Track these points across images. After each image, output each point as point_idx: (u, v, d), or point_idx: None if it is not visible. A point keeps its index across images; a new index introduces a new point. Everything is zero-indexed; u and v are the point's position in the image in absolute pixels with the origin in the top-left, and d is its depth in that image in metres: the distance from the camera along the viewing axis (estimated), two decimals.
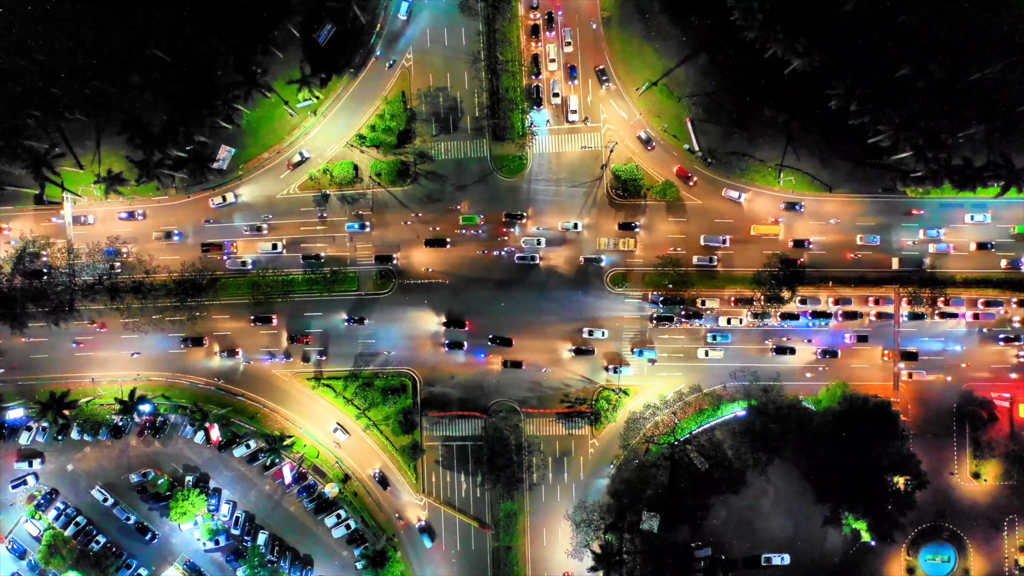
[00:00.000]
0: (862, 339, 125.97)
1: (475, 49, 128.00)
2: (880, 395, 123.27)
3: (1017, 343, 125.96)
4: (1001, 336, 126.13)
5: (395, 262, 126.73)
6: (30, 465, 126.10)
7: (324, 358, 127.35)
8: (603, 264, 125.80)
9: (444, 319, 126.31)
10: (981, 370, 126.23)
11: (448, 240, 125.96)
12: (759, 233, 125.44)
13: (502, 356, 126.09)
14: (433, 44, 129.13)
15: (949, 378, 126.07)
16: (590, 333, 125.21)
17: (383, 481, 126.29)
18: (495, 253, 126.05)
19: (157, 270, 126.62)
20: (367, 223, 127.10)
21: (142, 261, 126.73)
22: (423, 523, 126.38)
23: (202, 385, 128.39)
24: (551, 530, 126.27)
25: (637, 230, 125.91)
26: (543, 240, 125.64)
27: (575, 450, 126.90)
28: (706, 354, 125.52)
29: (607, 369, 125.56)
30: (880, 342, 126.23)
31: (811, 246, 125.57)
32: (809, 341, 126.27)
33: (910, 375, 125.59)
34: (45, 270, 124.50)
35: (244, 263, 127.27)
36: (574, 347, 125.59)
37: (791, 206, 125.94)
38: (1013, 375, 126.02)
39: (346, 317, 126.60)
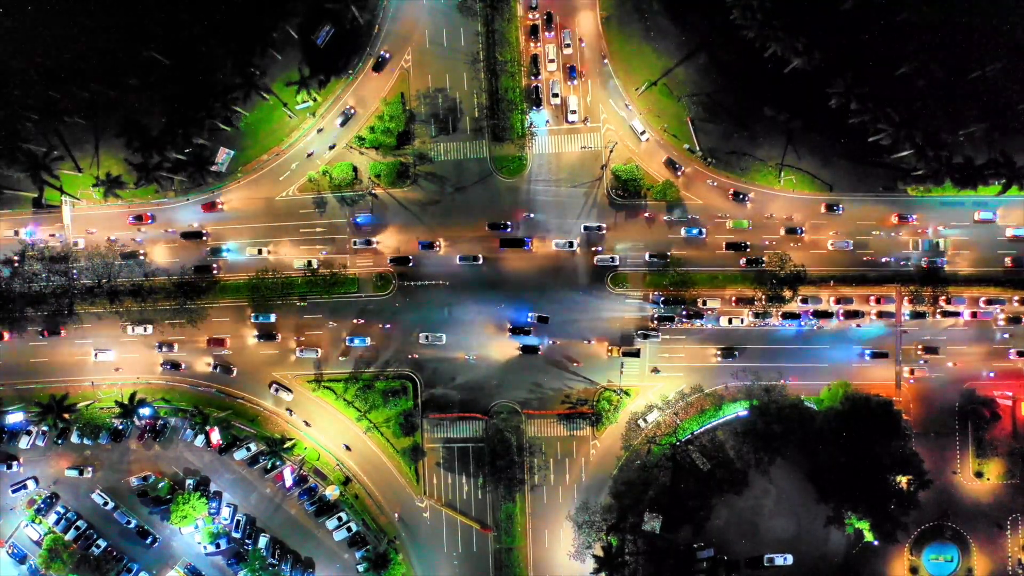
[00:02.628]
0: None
1: (474, 50, 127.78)
2: (882, 394, 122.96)
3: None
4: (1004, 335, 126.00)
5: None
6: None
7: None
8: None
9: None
10: (982, 368, 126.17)
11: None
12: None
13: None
14: (432, 45, 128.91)
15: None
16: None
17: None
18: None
19: (156, 272, 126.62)
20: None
21: (143, 264, 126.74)
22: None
23: (202, 388, 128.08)
24: (553, 532, 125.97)
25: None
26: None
27: (576, 451, 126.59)
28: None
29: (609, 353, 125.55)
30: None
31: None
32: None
33: (911, 372, 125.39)
34: (44, 273, 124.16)
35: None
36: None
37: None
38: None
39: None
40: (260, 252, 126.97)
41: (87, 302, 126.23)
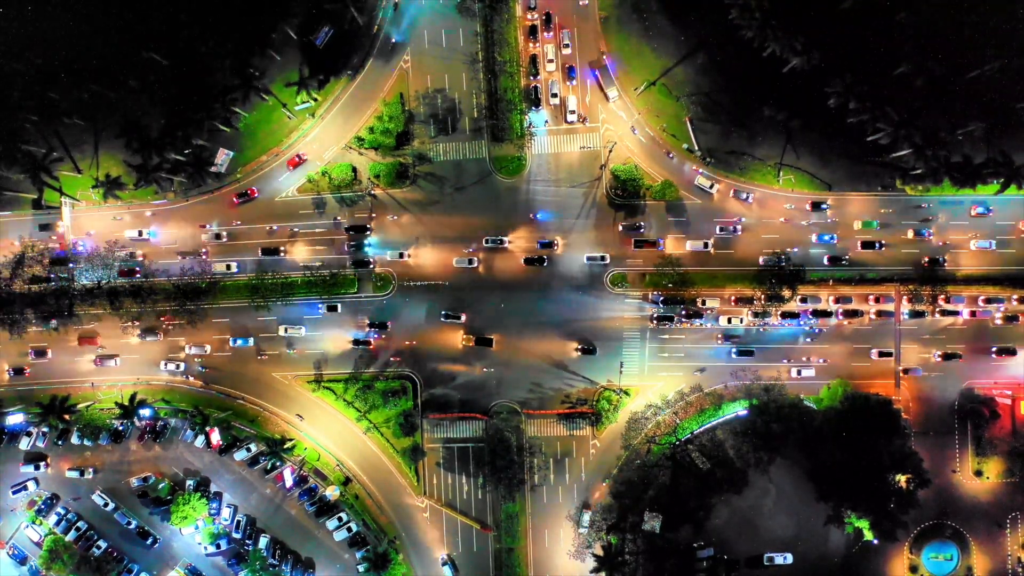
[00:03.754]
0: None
1: (473, 50, 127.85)
2: (881, 393, 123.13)
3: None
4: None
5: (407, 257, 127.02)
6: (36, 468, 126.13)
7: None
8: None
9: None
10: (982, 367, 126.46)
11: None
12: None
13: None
14: (431, 45, 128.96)
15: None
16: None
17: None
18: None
19: (156, 274, 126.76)
20: (154, 229, 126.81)
21: (145, 265, 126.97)
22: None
23: (202, 389, 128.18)
24: (553, 531, 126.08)
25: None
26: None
27: (576, 451, 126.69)
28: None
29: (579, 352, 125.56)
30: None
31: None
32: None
33: (905, 371, 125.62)
34: (44, 276, 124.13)
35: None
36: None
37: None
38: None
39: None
40: (401, 256, 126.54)
41: (87, 303, 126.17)
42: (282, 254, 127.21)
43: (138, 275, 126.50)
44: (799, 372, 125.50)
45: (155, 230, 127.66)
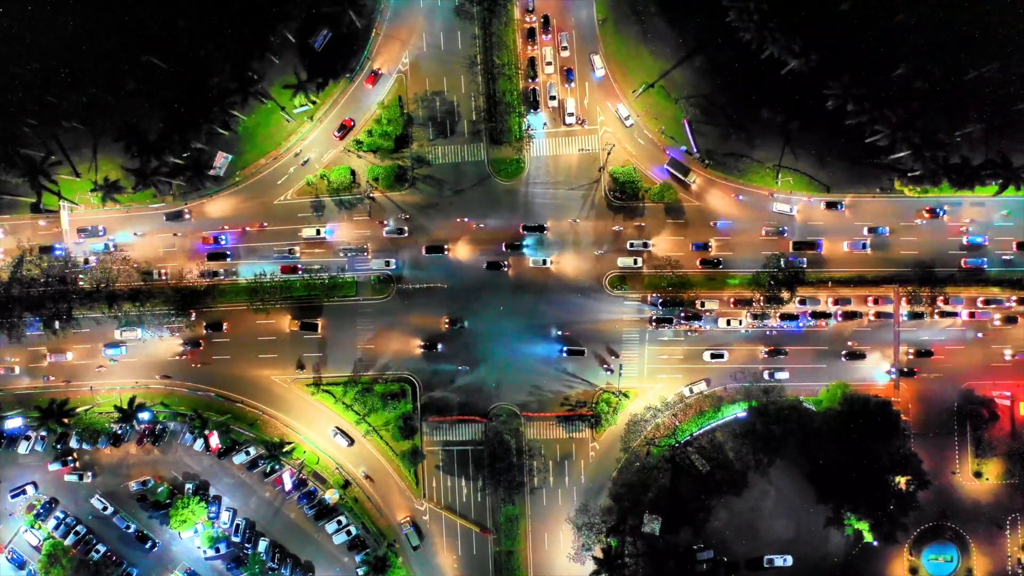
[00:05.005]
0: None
1: (471, 53, 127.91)
2: (881, 395, 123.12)
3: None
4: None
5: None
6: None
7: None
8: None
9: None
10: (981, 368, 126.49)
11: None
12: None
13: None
14: (429, 48, 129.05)
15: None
16: None
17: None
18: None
19: (156, 276, 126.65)
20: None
21: (140, 267, 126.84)
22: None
23: (201, 392, 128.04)
24: (552, 534, 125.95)
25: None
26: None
27: (576, 453, 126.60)
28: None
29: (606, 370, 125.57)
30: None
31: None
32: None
33: (901, 371, 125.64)
34: (43, 279, 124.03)
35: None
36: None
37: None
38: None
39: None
40: (544, 263, 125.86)
41: (85, 306, 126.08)
42: (447, 252, 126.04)
43: (300, 271, 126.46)
44: (771, 375, 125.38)
45: (331, 228, 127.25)
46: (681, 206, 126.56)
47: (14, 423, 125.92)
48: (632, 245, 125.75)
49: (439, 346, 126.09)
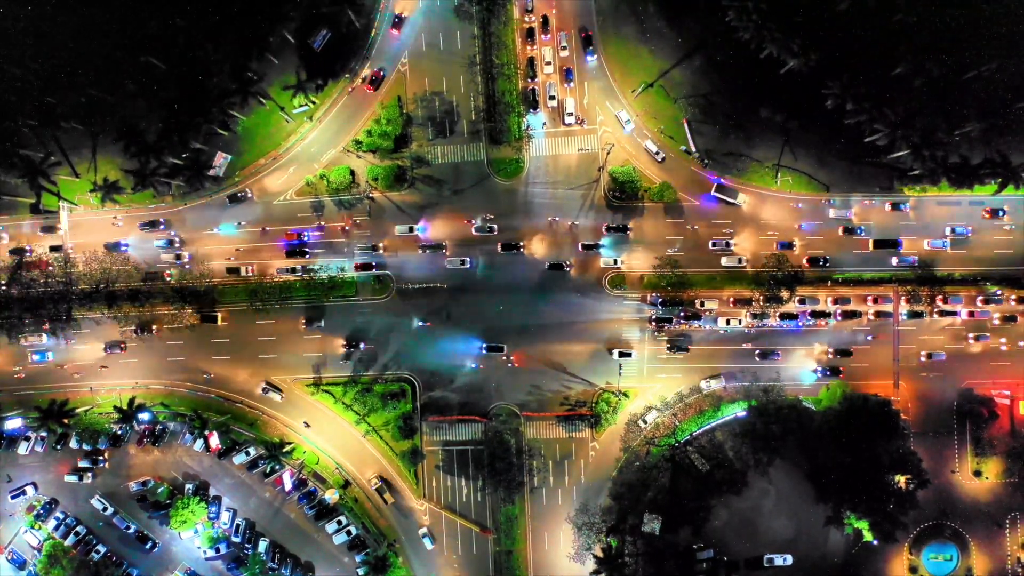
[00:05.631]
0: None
1: (470, 53, 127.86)
2: (880, 394, 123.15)
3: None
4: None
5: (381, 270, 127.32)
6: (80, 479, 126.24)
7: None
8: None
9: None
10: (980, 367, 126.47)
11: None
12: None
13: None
14: (428, 48, 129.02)
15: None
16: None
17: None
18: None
19: (157, 277, 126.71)
20: (423, 225, 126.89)
21: (140, 268, 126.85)
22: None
23: (201, 392, 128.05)
24: (552, 534, 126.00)
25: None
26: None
27: (575, 453, 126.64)
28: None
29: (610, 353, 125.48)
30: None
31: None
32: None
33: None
34: (42, 280, 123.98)
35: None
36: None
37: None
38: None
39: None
40: (615, 263, 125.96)
41: (85, 307, 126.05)
42: (521, 249, 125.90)
43: (375, 268, 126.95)
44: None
45: (424, 225, 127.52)
46: (680, 205, 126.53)
47: (14, 424, 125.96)
48: (715, 244, 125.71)
49: (361, 345, 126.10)
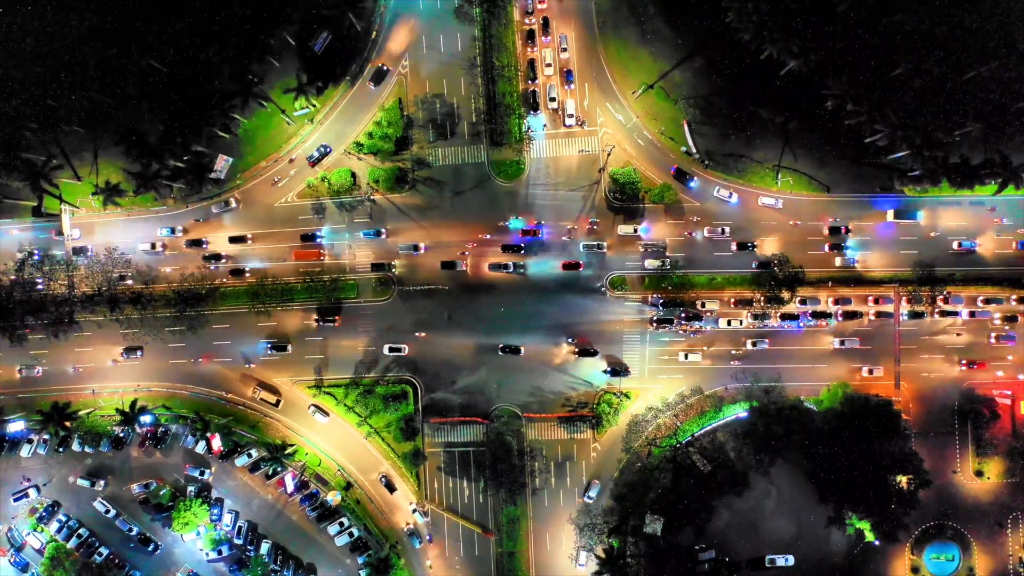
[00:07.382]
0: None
1: (471, 55, 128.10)
2: (881, 394, 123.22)
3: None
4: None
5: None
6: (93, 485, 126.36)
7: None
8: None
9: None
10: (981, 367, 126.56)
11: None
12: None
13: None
14: (429, 51, 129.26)
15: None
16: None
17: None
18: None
19: (157, 280, 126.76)
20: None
21: (142, 272, 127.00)
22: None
23: (203, 395, 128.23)
24: (554, 535, 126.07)
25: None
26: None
27: (577, 454, 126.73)
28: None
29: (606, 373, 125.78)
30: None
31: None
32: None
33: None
34: (43, 281, 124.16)
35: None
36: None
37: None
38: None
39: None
40: (664, 265, 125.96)
41: (87, 310, 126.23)
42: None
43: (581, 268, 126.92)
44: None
45: (647, 226, 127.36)
46: (681, 206, 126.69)
47: (16, 426, 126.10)
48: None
49: (335, 320, 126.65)
